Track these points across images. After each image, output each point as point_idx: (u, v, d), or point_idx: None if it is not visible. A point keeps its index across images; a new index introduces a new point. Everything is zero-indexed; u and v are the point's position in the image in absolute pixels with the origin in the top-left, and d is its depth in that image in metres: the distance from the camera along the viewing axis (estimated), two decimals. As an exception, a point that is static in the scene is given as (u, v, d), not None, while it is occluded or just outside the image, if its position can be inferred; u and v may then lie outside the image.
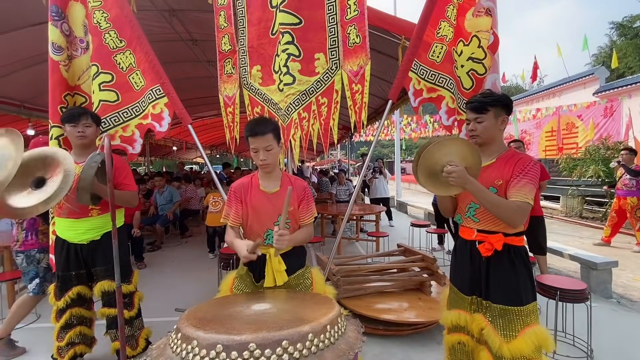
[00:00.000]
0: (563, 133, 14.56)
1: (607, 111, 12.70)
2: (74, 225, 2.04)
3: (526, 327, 1.50)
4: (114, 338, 2.15)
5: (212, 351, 0.92)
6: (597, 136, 11.89)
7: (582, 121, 13.71)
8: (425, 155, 1.51)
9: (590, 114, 13.05)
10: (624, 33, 20.02)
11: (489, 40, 2.32)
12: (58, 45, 2.30)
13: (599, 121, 12.71)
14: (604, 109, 12.78)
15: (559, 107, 14.13)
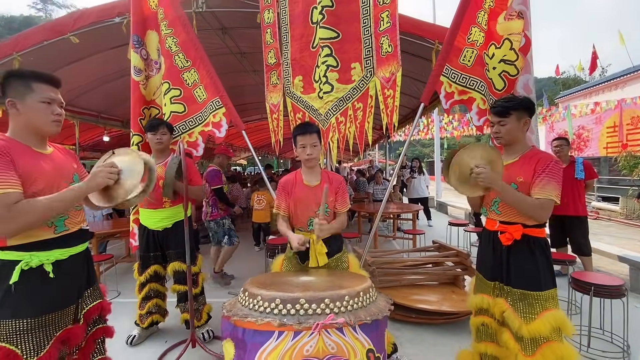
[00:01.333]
0: (627, 128, 13.28)
1: (680, 104, 11.41)
2: (152, 215, 2.50)
3: (545, 310, 1.63)
4: (183, 310, 2.58)
5: (272, 303, 1.21)
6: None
7: None
8: (456, 160, 1.71)
9: (659, 107, 11.79)
10: None
11: (520, 43, 2.42)
12: (138, 68, 2.81)
13: (670, 115, 11.46)
14: (676, 101, 11.49)
15: (621, 100, 12.90)
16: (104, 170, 1.42)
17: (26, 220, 1.23)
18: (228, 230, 3.83)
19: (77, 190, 1.36)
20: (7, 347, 1.26)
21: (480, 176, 1.61)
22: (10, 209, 1.19)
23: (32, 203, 1.24)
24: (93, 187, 1.40)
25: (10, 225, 1.21)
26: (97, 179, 1.40)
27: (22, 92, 1.37)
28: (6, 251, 1.29)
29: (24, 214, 1.21)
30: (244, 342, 1.22)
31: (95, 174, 1.40)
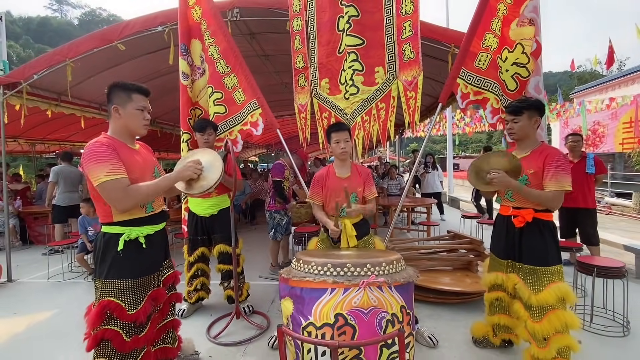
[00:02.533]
0: (643, 123, 13.15)
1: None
2: (200, 203, 2.85)
3: (551, 283, 1.90)
4: (226, 287, 2.92)
5: (325, 267, 1.52)
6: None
7: None
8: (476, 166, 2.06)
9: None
10: None
11: (532, 47, 2.66)
12: (186, 74, 3.15)
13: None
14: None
15: (637, 96, 12.75)
16: (193, 166, 1.75)
17: (135, 200, 1.57)
18: (276, 225, 3.94)
19: (169, 179, 1.70)
20: (114, 300, 1.60)
21: (494, 181, 1.90)
22: (125, 191, 1.53)
23: (138, 187, 1.58)
24: (181, 178, 1.74)
25: (125, 204, 1.55)
26: (185, 172, 1.73)
27: (124, 100, 1.71)
28: (113, 226, 1.64)
29: (133, 195, 1.55)
30: (302, 298, 1.54)
31: (185, 168, 1.74)
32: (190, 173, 1.75)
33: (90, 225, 4.03)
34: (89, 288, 3.76)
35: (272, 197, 3.96)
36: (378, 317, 1.44)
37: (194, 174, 1.76)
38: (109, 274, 1.62)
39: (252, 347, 2.44)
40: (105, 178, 1.50)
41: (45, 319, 3.00)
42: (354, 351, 1.40)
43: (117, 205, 1.56)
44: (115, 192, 1.51)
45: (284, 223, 3.96)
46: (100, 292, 1.63)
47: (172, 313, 2.03)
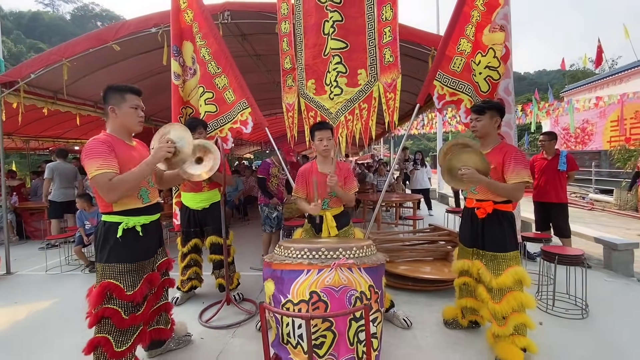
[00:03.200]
0: (632, 122, 13.51)
1: (683, 98, 11.56)
2: (193, 197, 3.02)
3: (509, 267, 2.11)
4: (218, 276, 3.11)
5: (302, 251, 1.71)
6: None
7: None
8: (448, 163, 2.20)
9: (662, 101, 11.92)
10: None
11: (502, 52, 2.87)
12: (177, 74, 3.30)
13: (674, 109, 11.62)
14: (679, 95, 11.64)
15: (623, 95, 13.07)
16: (164, 146, 1.86)
17: (123, 189, 1.72)
18: (265, 218, 4.13)
19: (147, 162, 1.81)
20: (113, 282, 1.78)
21: (464, 177, 2.08)
22: (109, 183, 1.68)
23: (121, 177, 1.72)
24: (157, 159, 1.86)
25: (112, 194, 1.70)
26: (159, 153, 1.85)
27: (119, 101, 1.88)
28: (112, 215, 1.81)
29: (118, 185, 1.69)
30: (282, 279, 1.73)
31: (158, 149, 1.87)
32: (164, 153, 1.86)
33: (87, 219, 4.18)
34: (87, 279, 3.92)
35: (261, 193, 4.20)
36: (347, 295, 1.64)
37: (167, 153, 1.88)
38: (109, 258, 1.79)
39: (241, 330, 2.63)
40: (95, 172, 1.67)
41: (45, 307, 3.17)
42: (326, 323, 1.60)
43: (105, 197, 1.71)
44: (102, 184, 1.67)
45: (273, 217, 4.11)
46: (100, 274, 1.80)
47: (165, 297, 2.21)
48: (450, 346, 2.32)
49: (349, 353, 1.61)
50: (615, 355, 2.20)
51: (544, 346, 2.25)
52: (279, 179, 4.18)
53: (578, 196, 10.86)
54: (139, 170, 1.79)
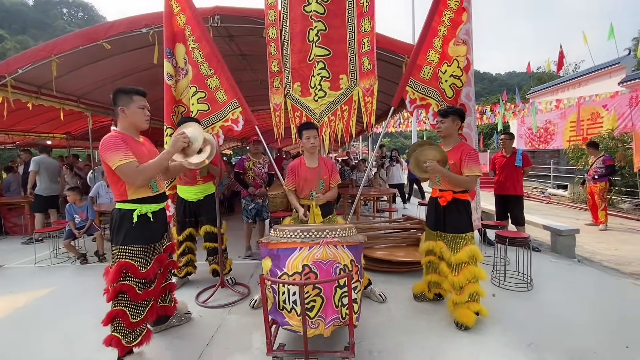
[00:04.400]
0: (588, 123, 14.65)
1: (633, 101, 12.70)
2: (188, 189, 3.27)
3: (465, 246, 2.54)
4: (212, 262, 3.37)
5: (295, 232, 2.04)
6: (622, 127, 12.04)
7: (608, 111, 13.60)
8: (415, 156, 2.62)
9: (614, 104, 13.03)
10: None
11: (464, 63, 3.30)
12: (170, 75, 3.51)
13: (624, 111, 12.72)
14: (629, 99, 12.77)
15: (580, 98, 14.18)
16: (180, 137, 2.18)
17: (146, 176, 1.99)
18: (243, 209, 4.46)
19: (167, 152, 2.12)
20: (129, 261, 2.04)
21: (428, 168, 2.49)
22: (137, 170, 1.95)
23: (145, 165, 2.00)
24: (176, 149, 2.16)
25: (138, 180, 1.97)
26: (177, 144, 2.16)
27: (127, 102, 2.12)
28: (127, 203, 2.06)
29: (143, 172, 1.97)
30: (278, 256, 2.05)
31: (175, 140, 2.17)
32: (181, 143, 2.18)
33: (77, 213, 4.29)
34: (78, 271, 4.05)
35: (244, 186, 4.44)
36: (334, 267, 1.99)
37: (184, 143, 2.19)
38: (124, 240, 2.05)
39: (236, 309, 2.93)
40: (120, 162, 1.93)
41: (43, 295, 3.32)
42: (316, 290, 1.95)
43: (132, 182, 1.98)
44: (129, 171, 1.94)
45: (249, 208, 4.34)
46: (117, 255, 2.05)
47: (170, 277, 2.48)
48: (418, 315, 2.74)
49: (335, 314, 1.96)
50: (552, 316, 2.68)
51: (497, 312, 2.70)
52: (254, 172, 4.35)
53: (538, 191, 11.81)
54: (160, 159, 2.06)
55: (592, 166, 6.25)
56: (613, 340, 2.33)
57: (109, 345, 2.03)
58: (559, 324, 2.55)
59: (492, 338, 2.38)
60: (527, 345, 2.27)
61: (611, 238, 5.60)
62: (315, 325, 1.95)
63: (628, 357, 2.16)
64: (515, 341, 2.33)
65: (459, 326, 2.48)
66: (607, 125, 12.35)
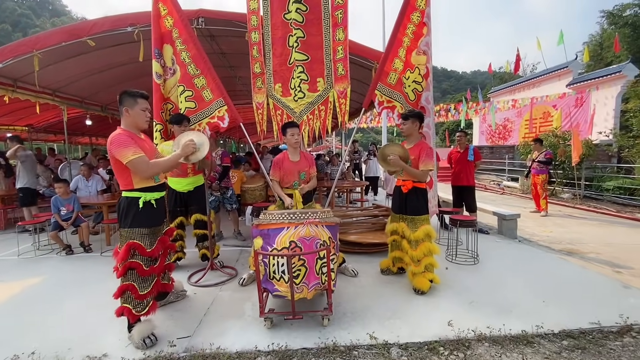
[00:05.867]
0: (540, 122, 16.05)
1: (578, 102, 14.14)
2: (179, 181, 3.56)
3: (421, 226, 3.07)
4: (202, 247, 3.70)
5: (283, 214, 2.45)
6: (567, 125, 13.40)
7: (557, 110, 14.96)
8: (381, 152, 3.08)
9: (563, 104, 14.41)
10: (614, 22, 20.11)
11: (424, 71, 3.82)
12: (159, 74, 3.75)
13: (570, 111, 14.14)
14: (575, 100, 14.20)
15: (533, 98, 15.54)
16: (191, 144, 2.51)
17: (155, 171, 2.32)
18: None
19: (177, 155, 2.45)
20: (137, 242, 2.35)
21: (391, 162, 2.98)
22: (148, 164, 2.27)
23: (156, 161, 2.33)
24: (186, 154, 2.50)
25: (149, 173, 2.29)
26: (188, 149, 2.49)
27: (132, 104, 2.41)
28: (133, 192, 2.37)
29: (154, 167, 2.30)
30: (269, 235, 2.45)
31: (187, 146, 2.50)
32: (191, 149, 2.53)
33: (63, 205, 4.41)
34: (65, 261, 4.20)
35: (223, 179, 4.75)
36: (315, 242, 2.43)
37: (193, 149, 2.55)
38: (132, 224, 2.35)
39: (226, 287, 3.29)
40: (132, 157, 2.23)
41: (36, 282, 3.49)
42: (301, 261, 2.37)
43: (143, 175, 2.29)
44: (141, 165, 2.25)
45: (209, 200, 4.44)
46: (125, 237, 2.36)
47: (169, 258, 2.80)
48: (384, 284, 3.26)
49: (316, 280, 2.40)
50: (491, 282, 3.29)
51: (448, 281, 3.28)
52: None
53: (495, 183, 12.93)
54: (170, 159, 2.38)
55: (535, 160, 7.13)
56: (534, 297, 2.96)
57: (120, 315, 2.34)
58: (495, 287, 3.16)
59: (443, 299, 2.94)
60: (469, 303, 2.85)
61: (549, 222, 6.49)
62: (300, 290, 2.38)
63: (543, 307, 2.78)
64: (461, 301, 2.89)
65: (417, 291, 3.01)
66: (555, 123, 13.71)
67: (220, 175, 4.66)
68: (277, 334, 2.38)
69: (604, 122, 12.36)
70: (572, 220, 6.73)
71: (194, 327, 2.51)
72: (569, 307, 2.75)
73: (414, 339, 2.31)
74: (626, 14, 19.61)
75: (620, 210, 7.56)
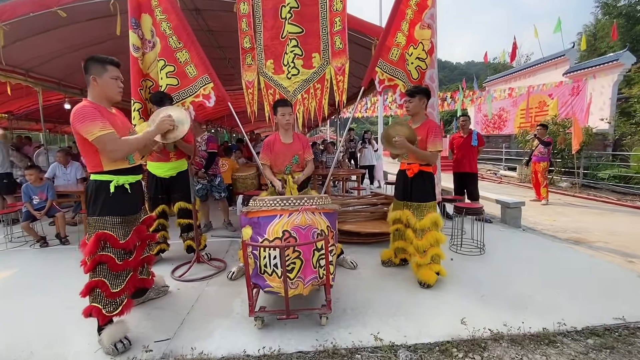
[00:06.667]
0: (535, 111, 15.87)
1: (574, 90, 13.95)
2: (160, 166, 3.23)
3: (428, 213, 2.80)
4: (186, 239, 3.39)
5: (274, 201, 2.15)
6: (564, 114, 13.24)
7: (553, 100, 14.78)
8: (386, 133, 2.81)
9: (559, 93, 14.22)
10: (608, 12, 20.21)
11: (429, 46, 3.50)
12: (136, 46, 3.37)
13: (566, 100, 13.95)
14: (571, 89, 14.00)
15: (530, 87, 15.33)
16: (168, 120, 2.19)
17: (126, 150, 1.99)
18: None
19: (151, 132, 2.13)
20: (107, 232, 2.04)
21: (397, 144, 2.69)
22: (118, 142, 1.94)
23: (126, 139, 2.00)
24: (161, 130, 2.17)
25: (118, 152, 1.96)
26: (163, 125, 2.17)
27: (100, 71, 2.06)
28: (103, 174, 2.04)
29: (124, 146, 1.97)
30: (259, 223, 2.16)
31: (162, 122, 2.17)
32: (167, 126, 2.20)
33: (35, 193, 4.04)
34: (38, 253, 3.86)
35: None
36: (312, 232, 2.14)
37: (170, 126, 2.21)
38: (102, 211, 2.03)
39: (214, 281, 3.00)
40: (100, 132, 1.90)
41: (4, 277, 3.15)
42: (296, 253, 2.09)
43: (112, 154, 1.96)
44: (110, 143, 1.92)
45: (197, 188, 4.27)
46: (94, 226, 2.04)
47: (149, 250, 2.49)
48: (385, 277, 3.00)
49: (313, 274, 2.12)
50: (500, 273, 3.06)
51: (455, 272, 3.03)
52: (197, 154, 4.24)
53: (492, 172, 12.79)
54: (143, 137, 2.05)
55: (537, 147, 6.92)
56: (549, 290, 2.74)
57: (88, 316, 2.04)
58: (506, 280, 2.93)
59: (450, 293, 2.69)
60: (481, 297, 2.61)
61: (551, 211, 6.32)
62: (295, 285, 2.10)
63: (561, 301, 2.55)
64: (471, 295, 2.65)
65: (422, 284, 2.76)
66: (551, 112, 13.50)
67: (206, 162, 4.33)
68: (268, 336, 2.10)
69: (600, 110, 12.21)
70: (574, 209, 6.57)
71: (174, 328, 2.22)
72: (588, 301, 2.53)
73: (422, 339, 2.05)
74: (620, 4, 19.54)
75: (620, 198, 7.44)
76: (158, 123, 2.19)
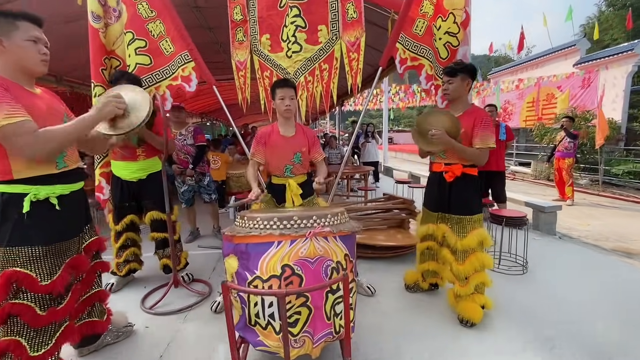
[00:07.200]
0: (543, 104, 15.20)
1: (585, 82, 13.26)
2: (126, 166, 2.54)
3: (473, 229, 2.14)
4: (162, 256, 2.73)
5: (271, 221, 1.49)
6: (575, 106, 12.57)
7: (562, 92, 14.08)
8: (419, 124, 2.19)
9: (568, 85, 13.53)
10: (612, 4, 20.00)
11: (462, 17, 2.80)
12: (97, 15, 2.66)
13: (576, 92, 13.27)
14: (582, 80, 13.30)
15: (539, 78, 14.63)
16: (114, 100, 1.51)
17: (50, 147, 1.32)
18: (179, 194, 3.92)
19: (88, 118, 1.45)
20: (22, 271, 1.37)
21: (434, 138, 2.04)
22: (34, 135, 1.27)
23: (51, 130, 1.33)
24: (103, 115, 1.50)
25: (36, 151, 1.30)
26: (106, 107, 1.50)
27: (7, 30, 1.38)
28: (13, 185, 1.36)
29: (45, 140, 1.31)
30: (248, 253, 1.49)
31: (105, 103, 1.50)
32: (112, 108, 1.53)
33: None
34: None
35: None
36: (324, 266, 1.48)
37: (117, 109, 1.54)
38: (11, 240, 1.36)
39: (193, 314, 2.35)
40: (5, 122, 1.23)
41: None
42: (302, 299, 1.43)
43: (26, 154, 1.30)
44: (22, 137, 1.26)
45: (182, 191, 3.80)
46: (1, 262, 1.37)
47: (98, 284, 1.83)
48: (414, 309, 2.35)
49: (326, 328, 1.47)
50: (559, 303, 2.42)
51: (497, 300, 2.36)
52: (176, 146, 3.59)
53: (502, 168, 12.15)
54: (75, 125, 1.38)
55: (561, 142, 6.26)
56: (627, 326, 2.10)
57: (-3, 391, 1.39)
58: (569, 313, 2.28)
59: (502, 334, 2.05)
60: (550, 348, 1.94)
61: (579, 213, 5.69)
62: (300, 343, 1.45)
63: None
64: (528, 336, 2.01)
65: (464, 323, 2.12)
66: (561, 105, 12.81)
67: (194, 158, 3.65)
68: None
69: (612, 103, 11.57)
70: (604, 210, 5.94)
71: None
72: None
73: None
74: (625, -5, 19.09)
75: (646, 197, 6.83)
76: (100, 105, 1.50)
